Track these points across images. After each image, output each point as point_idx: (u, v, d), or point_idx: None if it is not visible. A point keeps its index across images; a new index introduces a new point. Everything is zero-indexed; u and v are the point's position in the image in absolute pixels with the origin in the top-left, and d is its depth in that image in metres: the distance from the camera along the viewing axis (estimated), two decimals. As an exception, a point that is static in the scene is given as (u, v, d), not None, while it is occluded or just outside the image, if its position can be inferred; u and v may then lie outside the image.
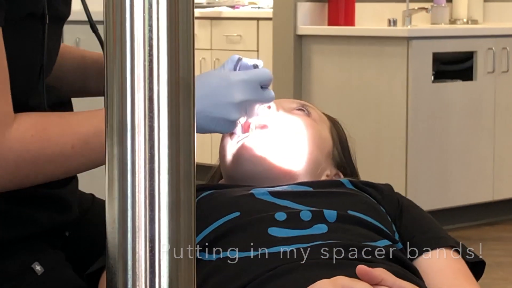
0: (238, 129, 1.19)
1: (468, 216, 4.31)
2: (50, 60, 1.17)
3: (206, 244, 1.10)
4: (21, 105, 1.06)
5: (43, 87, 1.11)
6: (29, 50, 1.11)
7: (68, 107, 1.23)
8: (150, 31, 0.42)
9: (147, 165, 0.43)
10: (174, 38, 0.43)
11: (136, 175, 0.44)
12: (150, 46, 0.42)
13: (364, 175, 1.40)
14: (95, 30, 1.14)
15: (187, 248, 0.46)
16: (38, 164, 1.06)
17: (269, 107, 1.23)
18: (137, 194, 0.44)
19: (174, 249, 0.45)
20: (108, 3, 0.44)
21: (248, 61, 1.13)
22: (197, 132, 1.01)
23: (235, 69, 1.11)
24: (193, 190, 0.48)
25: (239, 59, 1.11)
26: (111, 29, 0.44)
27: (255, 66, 1.10)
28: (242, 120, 1.14)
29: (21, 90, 1.07)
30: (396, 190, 1.33)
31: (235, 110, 1.07)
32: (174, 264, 0.45)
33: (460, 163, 4.22)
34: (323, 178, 1.28)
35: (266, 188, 1.20)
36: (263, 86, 1.10)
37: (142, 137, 0.43)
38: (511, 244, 4.07)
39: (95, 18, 1.20)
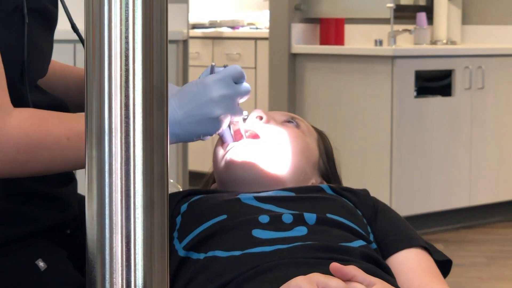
0: (229, 137, 1.45)
1: (447, 220, 4.85)
2: (33, 61, 1.36)
3: (195, 244, 1.35)
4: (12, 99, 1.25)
5: (26, 85, 1.33)
6: (9, 48, 1.30)
7: (64, 110, 1.41)
8: (127, 43, 0.56)
9: (123, 167, 0.58)
10: (148, 50, 0.57)
11: (113, 176, 0.58)
12: (126, 56, 0.57)
13: (352, 184, 1.61)
14: (75, 30, 1.42)
15: (160, 244, 0.60)
16: (36, 152, 1.26)
17: (261, 117, 1.49)
18: (114, 193, 0.59)
19: (148, 245, 0.59)
20: (88, 18, 0.58)
21: (218, 68, 1.39)
22: (187, 140, 1.19)
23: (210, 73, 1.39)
24: (165, 190, 0.61)
25: (213, 66, 1.38)
26: (91, 41, 0.57)
27: (225, 66, 1.38)
28: (225, 118, 1.36)
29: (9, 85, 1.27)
30: (381, 197, 1.58)
31: (216, 106, 1.33)
32: (148, 259, 0.59)
33: (439, 172, 4.74)
34: (309, 184, 1.51)
35: (252, 194, 1.43)
36: (237, 82, 1.37)
37: (119, 141, 0.58)
38: (484, 245, 4.54)
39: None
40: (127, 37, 0.56)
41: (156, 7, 0.58)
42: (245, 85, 1.37)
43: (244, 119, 1.49)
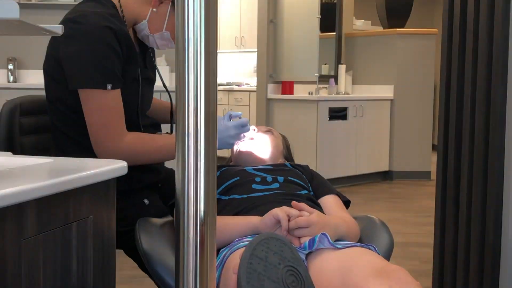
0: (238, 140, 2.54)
1: (345, 180, 9.37)
2: (143, 104, 2.63)
3: (224, 191, 2.38)
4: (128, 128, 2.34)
5: (139, 117, 2.52)
6: (132, 99, 2.50)
7: (157, 127, 2.76)
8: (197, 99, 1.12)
9: (195, 157, 1.14)
10: (211, 99, 1.16)
11: (191, 158, 1.14)
12: (196, 109, 1.12)
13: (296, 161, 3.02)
14: (167, 90, 2.80)
15: (211, 189, 1.18)
16: (139, 157, 2.41)
17: (254, 129, 2.70)
18: (192, 165, 1.14)
19: (207, 187, 1.14)
20: (178, 81, 1.15)
21: (234, 113, 2.51)
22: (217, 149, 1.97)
23: (229, 119, 2.48)
24: (215, 165, 1.18)
25: (230, 113, 2.46)
26: (180, 94, 1.15)
27: (240, 117, 2.48)
28: (235, 145, 2.62)
29: (127, 120, 2.38)
30: (311, 166, 2.83)
31: (231, 139, 2.50)
32: (207, 195, 1.14)
33: (347, 152, 9.14)
34: (278, 162, 2.64)
35: (251, 167, 2.50)
36: (244, 126, 2.47)
37: (193, 143, 1.14)
38: (363, 194, 8.73)
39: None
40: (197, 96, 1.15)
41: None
42: (248, 127, 2.49)
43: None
